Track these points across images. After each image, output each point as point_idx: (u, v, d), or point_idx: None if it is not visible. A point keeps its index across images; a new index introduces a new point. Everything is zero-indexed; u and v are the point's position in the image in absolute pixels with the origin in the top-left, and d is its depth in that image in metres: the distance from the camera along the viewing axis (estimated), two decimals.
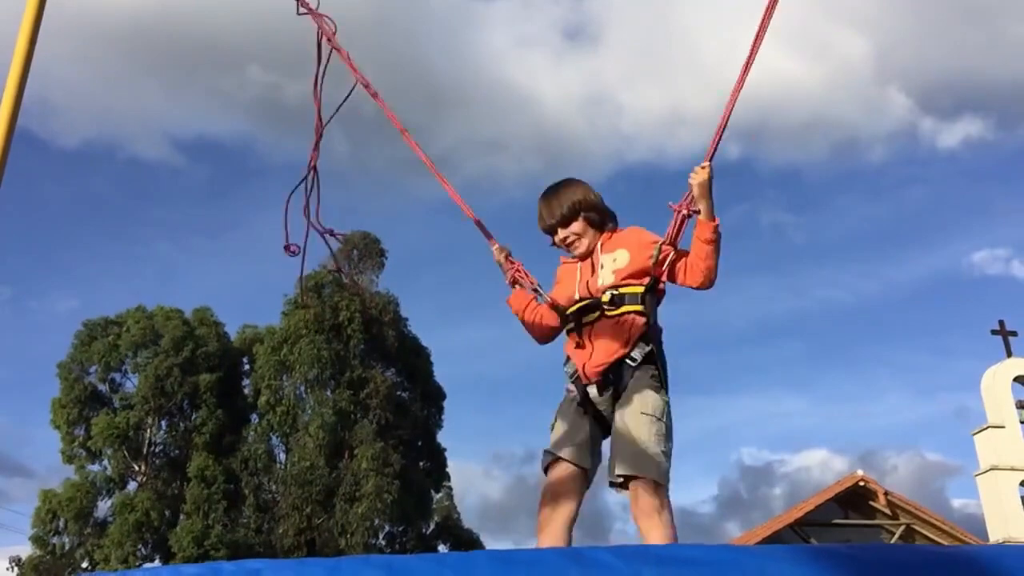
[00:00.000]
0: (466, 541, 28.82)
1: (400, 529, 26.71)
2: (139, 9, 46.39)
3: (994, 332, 20.90)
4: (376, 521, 25.48)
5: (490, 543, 30.87)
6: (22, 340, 48.38)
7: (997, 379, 20.30)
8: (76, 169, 50.86)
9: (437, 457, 28.92)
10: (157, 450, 27.43)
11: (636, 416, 3.21)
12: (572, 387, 3.43)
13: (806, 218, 59.99)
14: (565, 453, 3.30)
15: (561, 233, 3.62)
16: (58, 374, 27.34)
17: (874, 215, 58.84)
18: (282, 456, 27.17)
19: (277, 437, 27.19)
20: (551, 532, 3.20)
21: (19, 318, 46.94)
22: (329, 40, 4.05)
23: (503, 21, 63.99)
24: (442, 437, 29.43)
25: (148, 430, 27.00)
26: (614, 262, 3.49)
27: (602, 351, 3.33)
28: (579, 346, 3.41)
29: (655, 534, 3.03)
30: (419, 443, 28.29)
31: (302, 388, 27.14)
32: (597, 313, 3.39)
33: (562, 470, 3.30)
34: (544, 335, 3.65)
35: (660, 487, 3.12)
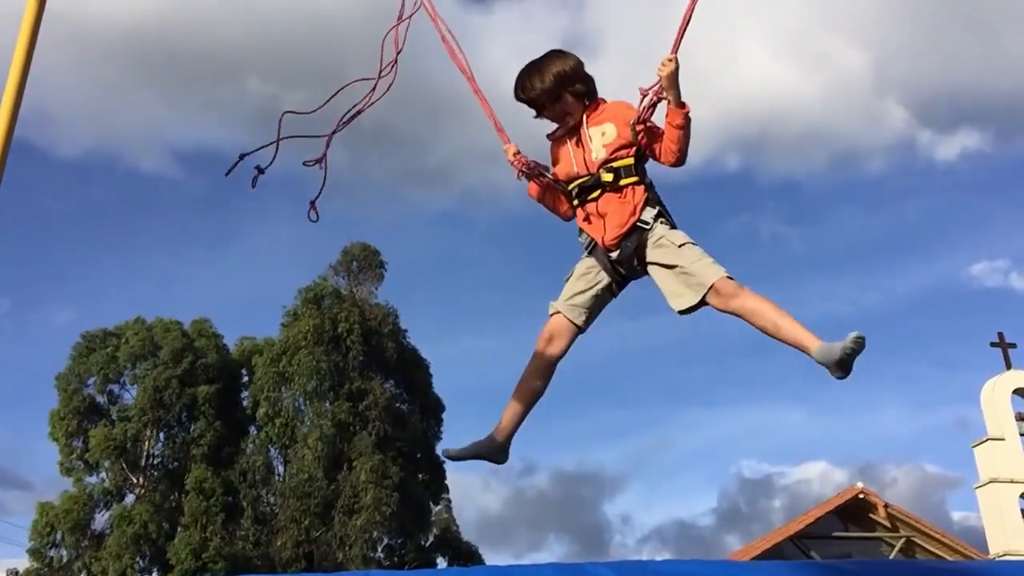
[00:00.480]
0: (465, 554, 28.72)
1: (399, 542, 26.62)
2: (138, 20, 46.52)
3: (993, 344, 20.87)
4: (375, 534, 25.41)
5: (489, 556, 30.80)
6: (20, 352, 48.34)
7: (996, 391, 20.26)
8: (75, 180, 50.93)
9: (436, 469, 28.83)
10: (155, 462, 27.35)
11: (675, 251, 3.55)
12: (591, 254, 3.72)
13: (805, 229, 60.05)
14: (565, 310, 3.69)
15: (549, 111, 3.80)
16: (56, 386, 27.30)
17: (873, 226, 58.90)
18: (280, 468, 27.11)
19: (276, 449, 27.13)
20: (536, 366, 3.78)
21: (17, 330, 46.90)
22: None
23: (502, 31, 64.21)
24: (441, 449, 29.36)
25: (146, 442, 26.93)
26: (603, 136, 3.70)
27: (614, 224, 3.62)
28: (590, 219, 3.69)
29: (750, 301, 3.44)
30: (418, 455, 28.22)
31: (301, 400, 27.09)
32: (599, 189, 3.66)
33: (560, 322, 3.71)
34: (568, 213, 3.86)
35: (728, 276, 3.47)
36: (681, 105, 3.57)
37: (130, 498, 26.60)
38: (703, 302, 3.49)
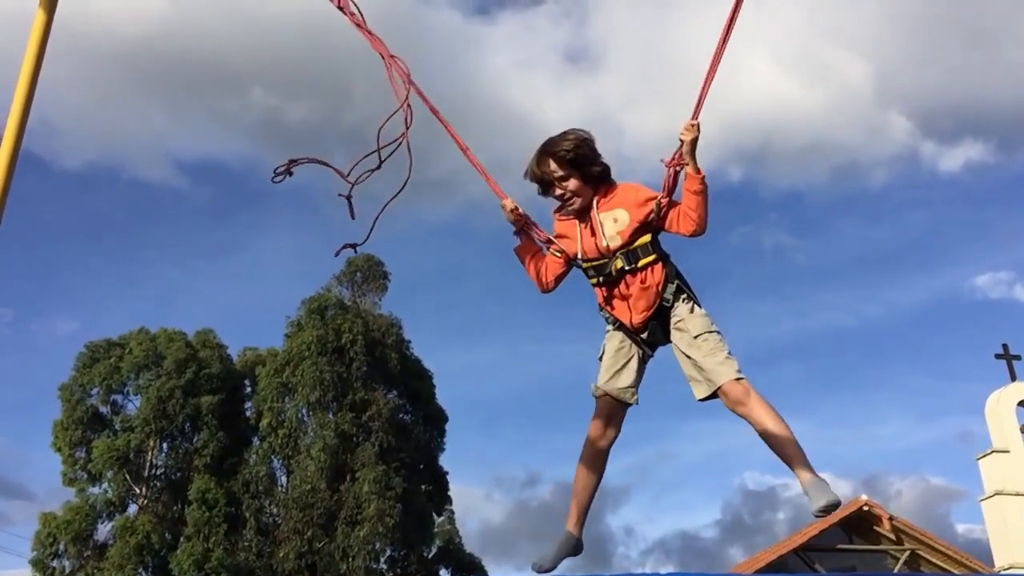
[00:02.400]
0: (468, 565, 28.65)
1: (402, 553, 26.56)
2: (142, 31, 46.71)
3: (998, 356, 20.81)
4: (378, 545, 25.36)
5: (492, 568, 30.70)
6: (23, 362, 48.39)
7: (1001, 403, 20.19)
8: (78, 190, 51.08)
9: (439, 480, 28.79)
10: (158, 473, 27.33)
11: (692, 343, 3.63)
12: (617, 329, 3.77)
13: (808, 241, 60.05)
14: (615, 393, 3.73)
15: (559, 188, 3.77)
16: (60, 396, 27.31)
17: (876, 238, 58.89)
18: (283, 479, 27.08)
19: (279, 460, 27.11)
20: (594, 451, 3.78)
21: (20, 340, 46.96)
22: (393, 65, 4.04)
23: (504, 43, 64.43)
24: (444, 460, 29.31)
25: (149, 452, 26.92)
26: (615, 223, 3.71)
27: (639, 307, 3.68)
28: (614, 302, 3.73)
29: (756, 411, 3.52)
30: (421, 466, 28.18)
31: (304, 411, 27.08)
32: (618, 273, 3.69)
33: (610, 404, 3.75)
34: (548, 283, 3.91)
35: (737, 378, 3.56)
36: (698, 171, 3.60)
37: (133, 509, 26.58)
38: (715, 395, 3.61)
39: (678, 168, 3.63)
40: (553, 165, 3.73)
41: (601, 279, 3.73)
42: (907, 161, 59.50)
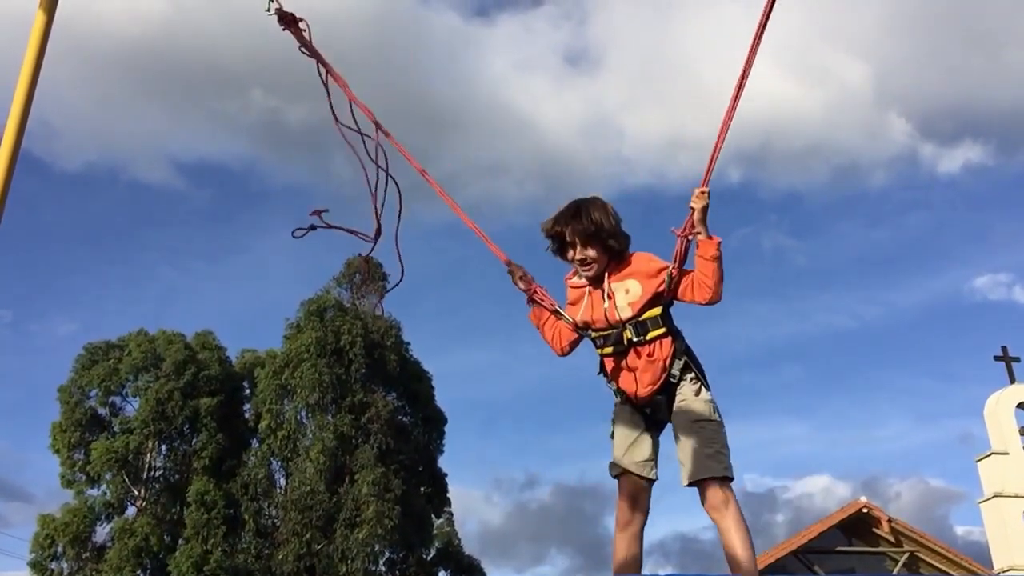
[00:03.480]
0: (467, 567, 28.63)
1: (401, 555, 26.53)
2: (142, 32, 46.72)
3: (997, 358, 20.82)
4: (376, 547, 25.32)
5: (491, 569, 30.70)
6: (22, 364, 48.37)
7: (1000, 405, 20.20)
8: (78, 192, 51.11)
9: (438, 482, 28.77)
10: (157, 474, 27.29)
11: (689, 427, 3.56)
12: (624, 402, 3.73)
13: (807, 242, 60.15)
14: (632, 468, 3.66)
15: (578, 253, 3.73)
16: (59, 398, 27.27)
17: (875, 240, 58.98)
18: (282, 481, 27.04)
19: (277, 462, 27.08)
20: (626, 537, 3.70)
21: (19, 341, 46.94)
22: (334, 78, 4.04)
23: (504, 45, 64.48)
24: (443, 462, 29.31)
25: (148, 454, 26.87)
26: (627, 293, 3.66)
27: (645, 381, 3.62)
28: (620, 375, 3.67)
29: (727, 523, 3.49)
30: (420, 468, 28.16)
31: (303, 412, 27.05)
32: (627, 344, 3.63)
33: (631, 483, 3.68)
34: (563, 348, 3.88)
35: (723, 481, 3.50)
36: (711, 237, 3.53)
37: (131, 511, 26.54)
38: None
39: (690, 237, 3.55)
40: (578, 231, 3.69)
41: (609, 350, 3.67)
42: (907, 162, 59.65)
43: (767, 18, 3.40)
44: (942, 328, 62.52)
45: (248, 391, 28.75)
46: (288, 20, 3.89)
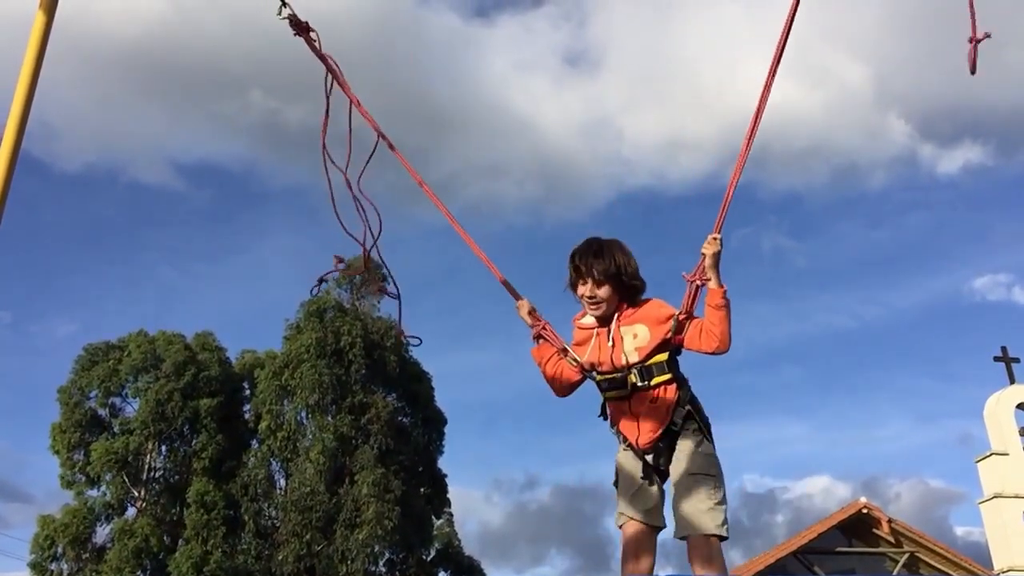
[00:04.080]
0: (467, 568, 28.62)
1: (400, 556, 26.52)
2: (141, 33, 46.73)
3: (996, 359, 20.83)
4: (376, 548, 25.31)
5: (491, 570, 30.68)
6: (22, 364, 48.36)
7: (1000, 406, 20.20)
8: (77, 193, 51.10)
9: (438, 483, 28.77)
10: (157, 475, 27.27)
11: (685, 478, 3.50)
12: (627, 448, 3.67)
13: (807, 243, 60.17)
14: (638, 516, 3.62)
15: (589, 290, 3.70)
16: (58, 399, 27.25)
17: (875, 240, 59.00)
18: (282, 481, 27.04)
19: (277, 462, 27.07)
20: None
21: (19, 342, 46.94)
22: (342, 88, 4.04)
23: (503, 46, 64.49)
24: (443, 463, 29.31)
25: (148, 455, 26.86)
26: (635, 338, 3.63)
27: (647, 427, 3.57)
28: (622, 419, 3.63)
29: None
30: (420, 469, 28.15)
31: (303, 413, 27.04)
32: (631, 389, 3.59)
33: (637, 530, 3.62)
34: (564, 389, 3.82)
35: (713, 539, 3.43)
36: (720, 285, 3.50)
37: (131, 511, 26.52)
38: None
39: (700, 283, 3.53)
40: (593, 265, 3.68)
41: (613, 394, 3.65)
42: (906, 163, 59.67)
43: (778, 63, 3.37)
44: (942, 329, 62.58)
45: (248, 392, 28.74)
46: (301, 27, 3.88)
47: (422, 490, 28.04)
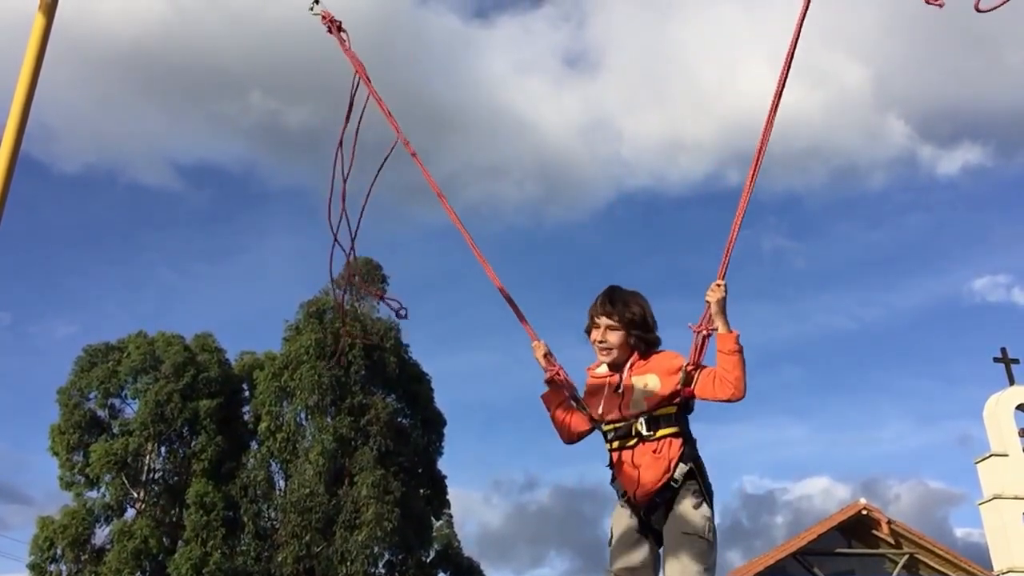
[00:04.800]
0: (466, 569, 28.60)
1: (400, 557, 26.51)
2: (141, 34, 46.73)
3: (996, 360, 20.84)
4: (376, 549, 25.29)
5: (490, 571, 30.69)
6: (21, 365, 48.34)
7: (1000, 407, 20.21)
8: (77, 194, 51.11)
9: (437, 484, 28.75)
10: (156, 476, 27.26)
11: (679, 537, 3.43)
12: (625, 504, 3.63)
13: (806, 244, 60.22)
14: (626, 574, 3.55)
15: (600, 335, 3.70)
16: (58, 400, 27.23)
17: (874, 241, 59.05)
18: (282, 483, 27.02)
19: (277, 464, 27.05)
20: None
21: (18, 343, 46.92)
22: (368, 87, 4.03)
23: (503, 47, 64.50)
24: (442, 464, 29.30)
25: (147, 456, 26.84)
26: (645, 388, 3.59)
27: (647, 477, 3.51)
28: (623, 469, 3.57)
29: None
30: (419, 470, 28.14)
31: (302, 414, 27.03)
32: (635, 438, 3.55)
33: None
34: (572, 437, 3.79)
35: None
36: (730, 330, 3.44)
37: (131, 513, 26.50)
38: None
39: (707, 333, 3.49)
40: (608, 310, 3.68)
41: (618, 443, 3.60)
42: (905, 164, 59.74)
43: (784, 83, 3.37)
44: (941, 330, 62.64)
45: (247, 393, 28.72)
46: (334, 25, 3.86)
47: (421, 491, 28.02)
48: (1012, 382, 20.49)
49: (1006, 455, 19.71)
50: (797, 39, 3.50)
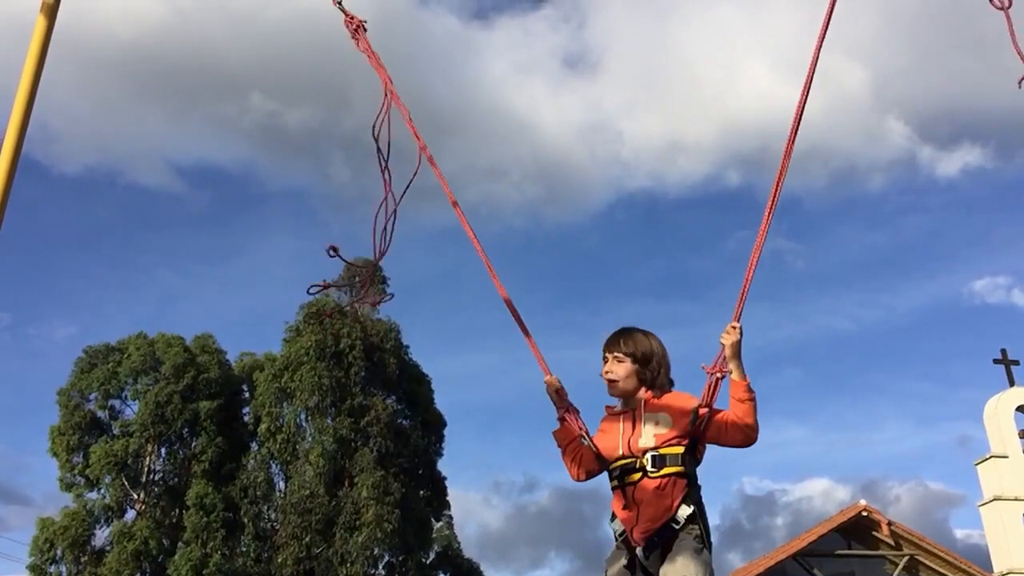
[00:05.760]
0: (466, 571, 28.58)
1: (400, 559, 26.49)
2: (140, 36, 46.74)
3: (996, 361, 20.84)
4: (376, 550, 25.28)
5: (490, 573, 30.69)
6: (21, 367, 48.34)
7: (1000, 408, 20.22)
8: (77, 195, 51.11)
9: (437, 485, 28.74)
10: (156, 478, 27.27)
11: None
12: (621, 546, 3.58)
13: (806, 245, 60.19)
14: None
15: (608, 366, 3.70)
16: (58, 401, 27.24)
17: (874, 243, 59.05)
18: (282, 484, 27.02)
19: (277, 465, 27.05)
20: None
21: (18, 344, 46.92)
22: (393, 98, 4.02)
23: (503, 48, 64.52)
24: (442, 465, 29.29)
25: (147, 457, 26.85)
26: (656, 425, 3.57)
27: (647, 515, 3.47)
28: (625, 507, 3.53)
29: None
30: (419, 471, 28.13)
31: (302, 416, 27.02)
32: (640, 474, 3.51)
33: None
34: (581, 474, 3.76)
35: None
36: (743, 376, 3.42)
37: (131, 514, 26.51)
38: None
39: (720, 375, 3.45)
40: (616, 344, 3.69)
41: (621, 479, 3.56)
42: (905, 166, 59.74)
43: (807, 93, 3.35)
44: (941, 331, 62.63)
45: (247, 394, 28.73)
46: (356, 25, 3.85)
47: (421, 493, 28.02)
48: (1012, 383, 20.49)
49: (1006, 456, 19.71)
50: (821, 45, 3.47)
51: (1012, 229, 57.48)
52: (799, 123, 3.50)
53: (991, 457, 19.83)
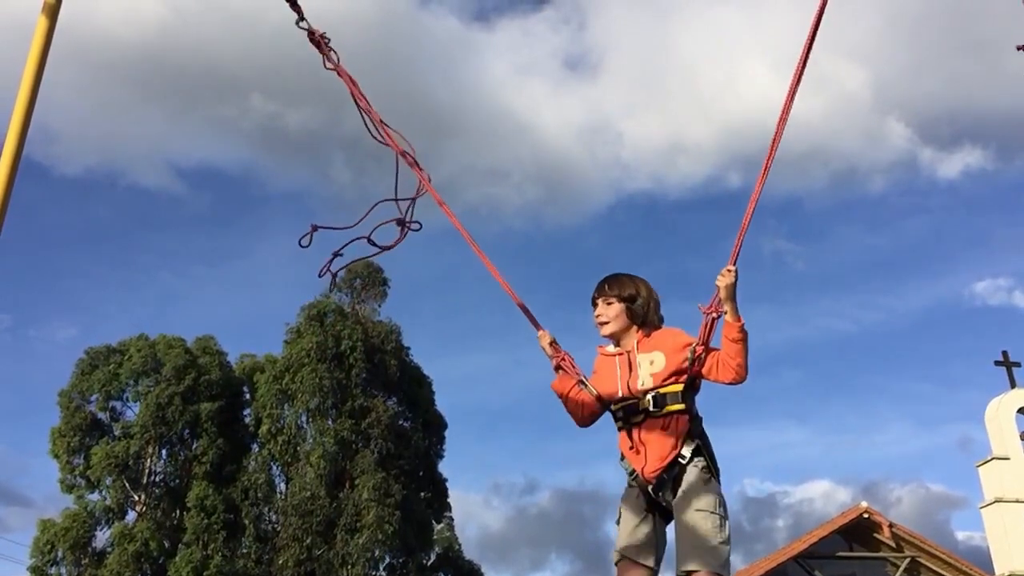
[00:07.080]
0: (467, 572, 28.59)
1: (401, 560, 26.50)
2: (141, 37, 46.77)
3: (997, 363, 20.81)
4: (377, 552, 25.30)
5: (491, 574, 30.67)
6: (22, 368, 48.36)
7: (1001, 410, 20.18)
8: (77, 196, 51.10)
9: (438, 487, 28.76)
10: (157, 479, 27.28)
11: (693, 514, 3.45)
12: (633, 483, 3.65)
13: (807, 247, 60.15)
14: (632, 554, 3.57)
15: (596, 308, 3.81)
16: (59, 402, 27.26)
17: (875, 245, 59.01)
18: (282, 486, 27.03)
19: (278, 466, 27.06)
20: None
21: (19, 346, 46.93)
22: (362, 105, 4.04)
23: (503, 50, 64.54)
24: (443, 467, 29.30)
25: (148, 459, 26.86)
26: (651, 364, 3.64)
27: (654, 455, 3.54)
28: (631, 448, 3.60)
29: None
30: (420, 473, 28.14)
31: (303, 417, 27.04)
32: (642, 415, 3.58)
33: (631, 570, 3.58)
34: (585, 419, 3.83)
35: (712, 573, 3.38)
36: (737, 318, 3.50)
37: (131, 516, 26.51)
38: None
39: (716, 315, 3.53)
40: (604, 287, 3.80)
41: (624, 421, 3.63)
42: (906, 167, 59.67)
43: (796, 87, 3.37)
44: (942, 333, 62.56)
45: (248, 396, 28.74)
46: (318, 42, 3.88)
47: (422, 494, 28.03)
48: (1013, 385, 20.46)
49: (1007, 458, 19.68)
50: (812, 42, 3.51)
51: (1013, 231, 57.46)
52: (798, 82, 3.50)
53: (992, 459, 19.80)
